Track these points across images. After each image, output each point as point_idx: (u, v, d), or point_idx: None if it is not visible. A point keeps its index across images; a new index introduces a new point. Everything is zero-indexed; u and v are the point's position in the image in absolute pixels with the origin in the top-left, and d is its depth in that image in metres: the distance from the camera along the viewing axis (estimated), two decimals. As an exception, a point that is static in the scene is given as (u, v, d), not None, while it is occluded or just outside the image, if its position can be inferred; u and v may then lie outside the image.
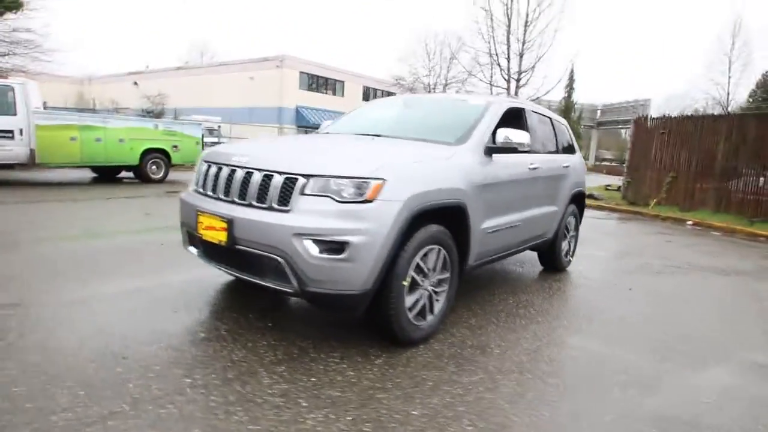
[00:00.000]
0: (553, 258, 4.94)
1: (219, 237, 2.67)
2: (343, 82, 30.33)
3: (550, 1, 17.21)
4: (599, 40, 52.83)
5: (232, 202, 2.73)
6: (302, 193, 2.51)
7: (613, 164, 46.51)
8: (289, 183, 2.54)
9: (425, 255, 2.80)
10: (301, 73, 27.81)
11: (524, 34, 17.33)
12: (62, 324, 2.81)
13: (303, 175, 2.52)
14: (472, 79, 20.66)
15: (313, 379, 2.40)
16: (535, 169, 4.03)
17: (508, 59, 17.52)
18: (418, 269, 2.78)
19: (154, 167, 10.90)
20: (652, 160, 13.24)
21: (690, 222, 10.75)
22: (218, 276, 3.82)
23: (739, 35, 36.28)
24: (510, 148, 3.42)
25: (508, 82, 17.81)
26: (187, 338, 2.75)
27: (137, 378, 2.26)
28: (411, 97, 4.94)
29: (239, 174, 2.72)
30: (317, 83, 29.10)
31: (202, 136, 12.08)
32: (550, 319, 3.59)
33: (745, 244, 8.41)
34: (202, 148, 12.10)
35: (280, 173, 2.57)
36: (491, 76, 18.81)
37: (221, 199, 2.79)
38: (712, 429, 2.25)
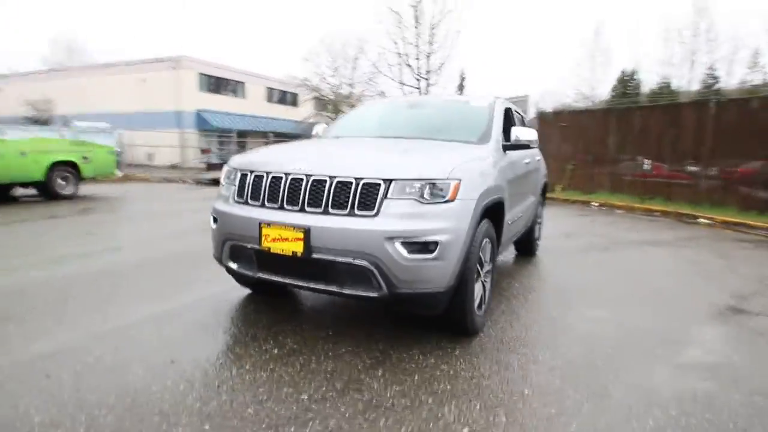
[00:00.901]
0: (529, 244, 5.40)
1: (293, 248, 2.60)
2: (244, 83, 29.10)
3: (451, 7, 18.29)
4: (490, 41, 57.10)
5: (302, 210, 2.66)
6: (386, 197, 2.54)
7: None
8: (371, 188, 2.56)
9: (483, 249, 2.98)
10: (200, 74, 26.15)
11: (430, 36, 18.21)
12: (124, 358, 2.53)
13: (384, 180, 2.55)
14: (380, 78, 21.16)
15: (416, 377, 2.47)
16: (528, 163, 4.41)
17: (418, 59, 18.29)
18: (479, 262, 2.95)
19: (62, 182, 9.67)
20: (556, 150, 14.71)
21: (596, 203, 12.19)
22: (228, 291, 3.67)
23: (600, 38, 41.57)
24: (522, 145, 3.72)
25: (419, 81, 18.59)
26: (264, 357, 2.64)
27: (254, 402, 2.15)
28: (414, 99, 5.04)
29: (307, 182, 2.66)
30: (218, 85, 27.56)
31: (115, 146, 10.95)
32: (555, 294, 3.99)
33: (647, 219, 9.76)
34: (116, 158, 11.02)
35: (357, 179, 2.57)
36: (401, 76, 19.46)
37: (287, 209, 2.70)
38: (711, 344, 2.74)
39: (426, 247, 2.50)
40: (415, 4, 17.99)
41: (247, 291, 3.70)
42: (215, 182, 15.08)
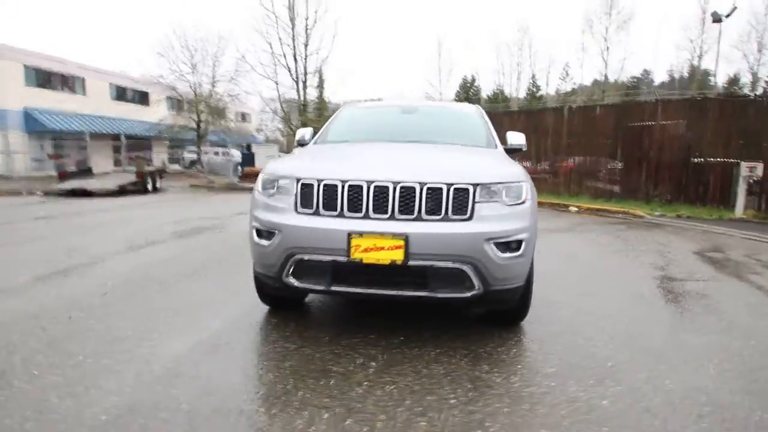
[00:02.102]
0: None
1: (391, 256, 2.57)
2: (83, 78, 25.03)
3: (326, 8, 18.43)
4: (348, 43, 58.80)
5: (392, 218, 2.64)
6: (476, 201, 2.67)
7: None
8: (462, 193, 2.66)
9: (531, 245, 3.27)
10: (27, 67, 21.76)
11: (307, 37, 18.12)
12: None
13: (473, 185, 2.68)
14: (247, 77, 20.35)
15: (514, 376, 2.65)
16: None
17: (296, 60, 18.04)
18: (529, 257, 3.24)
19: None
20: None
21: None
22: (257, 306, 3.40)
23: (443, 48, 45.88)
24: (516, 149, 4.11)
25: (297, 82, 18.37)
26: (371, 371, 2.55)
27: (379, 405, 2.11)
28: (402, 104, 5.02)
29: (395, 190, 2.64)
30: (50, 80, 23.24)
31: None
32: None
33: (564, 211, 11.09)
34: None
35: (448, 185, 2.65)
36: (276, 76, 18.98)
37: (373, 218, 2.65)
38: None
39: (515, 245, 2.70)
40: (289, 5, 17.71)
41: (256, 311, 3.44)
42: (74, 193, 12.97)
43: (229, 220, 8.45)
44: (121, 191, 13.56)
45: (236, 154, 24.00)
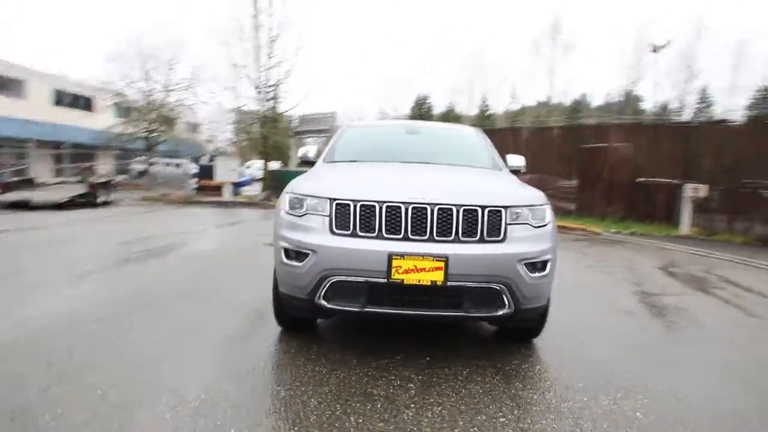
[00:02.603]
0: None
1: (432, 277, 2.62)
2: (24, 81, 23.30)
3: (288, 22, 18.33)
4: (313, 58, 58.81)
5: (431, 240, 2.69)
6: (508, 224, 2.78)
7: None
8: (496, 215, 2.76)
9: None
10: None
11: (270, 48, 17.94)
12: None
13: (504, 207, 2.79)
14: (208, 86, 19.84)
15: (548, 392, 2.76)
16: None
17: (260, 71, 17.79)
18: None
19: None
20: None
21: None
22: (274, 331, 3.33)
23: (396, 66, 46.91)
24: (516, 171, 4.29)
25: (260, 93, 18.08)
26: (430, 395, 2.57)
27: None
28: (408, 124, 5.07)
29: (432, 211, 2.70)
30: (-18, 81, 21.51)
31: None
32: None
33: None
34: None
35: (482, 207, 2.75)
36: (237, 86, 18.61)
37: (413, 239, 2.69)
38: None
39: (542, 266, 2.83)
40: (252, 15, 17.48)
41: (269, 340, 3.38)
42: (16, 206, 12.04)
43: (198, 237, 8.16)
44: (70, 204, 12.72)
45: (190, 166, 23.21)
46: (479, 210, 2.75)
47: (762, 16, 58.26)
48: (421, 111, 48.38)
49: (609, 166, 12.40)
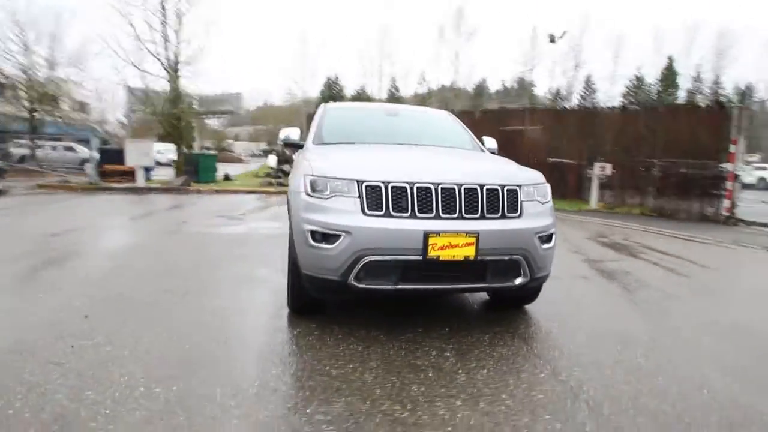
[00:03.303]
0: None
1: (465, 253, 2.80)
2: None
3: (197, -2, 17.11)
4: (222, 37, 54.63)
5: (461, 218, 2.86)
6: (521, 201, 3.04)
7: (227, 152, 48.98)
8: (513, 193, 3.01)
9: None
10: None
11: (179, 24, 16.64)
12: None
13: (518, 186, 3.04)
14: (109, 62, 18.01)
15: (554, 350, 3.10)
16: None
17: (167, 48, 16.42)
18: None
19: None
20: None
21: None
22: (298, 320, 3.32)
23: (307, 48, 46.32)
24: (492, 152, 4.59)
25: (168, 71, 16.74)
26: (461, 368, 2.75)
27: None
28: (386, 107, 5.09)
29: (459, 191, 2.87)
30: None
31: None
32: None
33: None
34: None
35: (502, 186, 2.97)
36: (141, 63, 17.06)
37: (444, 218, 2.84)
38: (655, 292, 4.43)
39: (548, 238, 3.14)
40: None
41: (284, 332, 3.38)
42: None
43: (138, 228, 7.55)
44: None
45: (82, 149, 20.90)
46: (499, 189, 2.97)
47: (638, 12, 65.68)
48: (332, 93, 47.96)
49: (526, 147, 13.43)
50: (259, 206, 10.77)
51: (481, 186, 2.93)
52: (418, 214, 2.84)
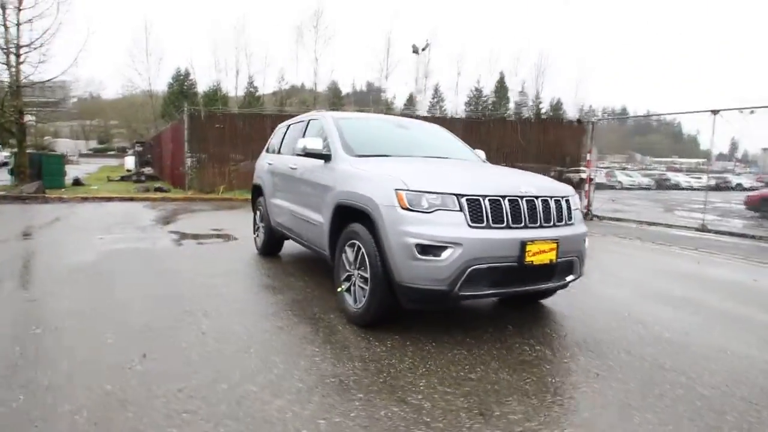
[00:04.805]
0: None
1: (549, 257, 3.18)
2: None
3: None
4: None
5: (541, 227, 3.24)
6: (571, 209, 3.55)
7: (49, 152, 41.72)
8: (568, 204, 3.48)
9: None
10: None
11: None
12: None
13: (570, 197, 3.54)
14: None
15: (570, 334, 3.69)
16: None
17: (6, 26, 13.48)
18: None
19: None
20: (216, 151, 14.96)
21: (276, 200, 13.62)
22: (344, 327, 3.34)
23: (150, 36, 42.20)
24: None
25: (8, 55, 13.79)
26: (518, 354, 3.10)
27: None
28: (393, 119, 5.08)
29: (535, 202, 3.24)
30: None
31: None
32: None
33: None
34: None
35: (562, 198, 3.43)
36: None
37: (530, 227, 3.18)
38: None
39: (586, 241, 3.71)
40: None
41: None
42: None
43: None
44: None
45: None
46: (562, 200, 3.43)
47: (477, 31, 73.92)
48: (183, 89, 44.17)
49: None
50: (166, 216, 9.69)
51: (551, 198, 3.35)
52: (512, 225, 3.15)
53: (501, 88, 51.82)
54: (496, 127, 13.95)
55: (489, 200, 3.09)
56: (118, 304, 3.81)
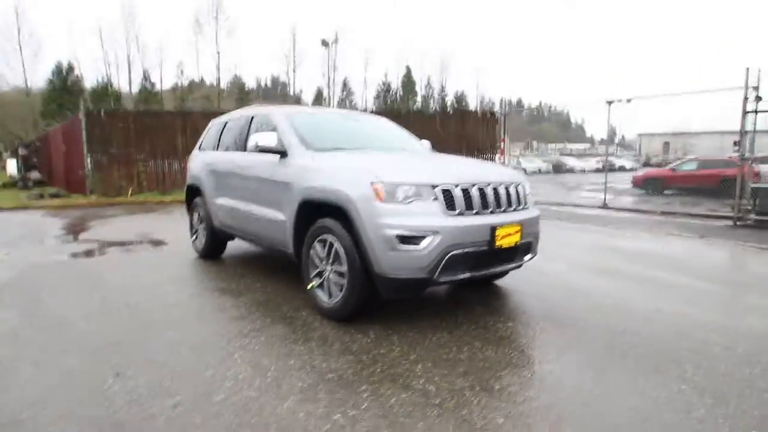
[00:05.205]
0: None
1: (515, 240, 3.41)
2: None
3: None
4: None
5: (505, 211, 3.45)
6: (527, 194, 3.82)
7: None
8: (524, 189, 3.74)
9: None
10: None
11: None
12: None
13: (524, 183, 3.81)
14: None
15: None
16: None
17: None
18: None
19: None
20: (120, 152, 13.76)
21: (195, 202, 12.85)
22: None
23: (24, 25, 37.78)
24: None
25: None
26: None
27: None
28: (342, 112, 4.93)
29: (497, 189, 3.45)
30: None
31: None
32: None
33: None
34: None
35: (516, 183, 3.67)
36: None
37: (497, 213, 3.38)
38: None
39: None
40: None
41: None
42: None
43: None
44: None
45: None
46: (520, 186, 3.68)
47: (383, 25, 74.42)
48: (66, 85, 39.73)
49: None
50: (77, 223, 8.73)
51: (511, 184, 3.58)
52: (482, 211, 3.32)
53: (408, 82, 53.15)
54: (416, 120, 14.35)
55: (461, 189, 3.24)
56: (63, 321, 3.43)
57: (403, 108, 39.17)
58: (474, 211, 3.27)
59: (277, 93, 54.36)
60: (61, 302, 3.91)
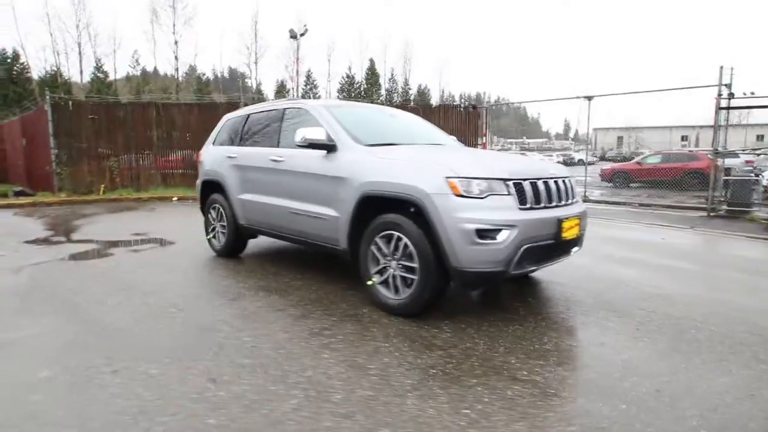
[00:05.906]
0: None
1: (576, 232, 3.52)
2: None
3: None
4: None
5: (566, 205, 3.55)
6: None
7: None
8: (571, 184, 3.84)
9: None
10: None
11: None
12: None
13: (570, 178, 3.91)
14: None
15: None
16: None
17: None
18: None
19: None
20: (89, 146, 13.03)
21: (175, 198, 12.39)
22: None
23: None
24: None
25: None
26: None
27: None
28: (379, 107, 4.84)
29: (561, 184, 3.54)
30: None
31: None
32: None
33: None
34: None
35: (568, 178, 3.77)
36: None
37: (560, 206, 3.46)
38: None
39: (582, 214, 4.14)
40: None
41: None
42: None
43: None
44: None
45: None
46: (568, 180, 3.77)
47: (346, 22, 73.86)
48: (12, 74, 37.05)
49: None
50: (59, 223, 8.21)
51: (566, 178, 3.68)
52: (548, 205, 3.39)
53: (372, 74, 52.99)
54: (448, 113, 14.41)
55: (530, 183, 3.30)
56: (118, 326, 3.24)
57: (376, 102, 38.98)
58: (542, 205, 3.34)
59: (234, 86, 52.83)
60: (102, 306, 3.69)
